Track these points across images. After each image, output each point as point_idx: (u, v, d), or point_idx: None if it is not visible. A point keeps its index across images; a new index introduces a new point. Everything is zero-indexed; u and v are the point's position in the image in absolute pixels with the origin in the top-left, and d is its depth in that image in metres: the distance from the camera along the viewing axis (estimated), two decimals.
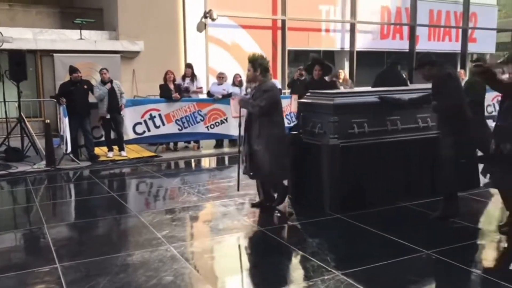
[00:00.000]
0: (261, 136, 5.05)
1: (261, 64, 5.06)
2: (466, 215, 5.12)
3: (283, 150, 5.18)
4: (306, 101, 5.74)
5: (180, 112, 9.21)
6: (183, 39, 12.26)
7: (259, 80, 5.12)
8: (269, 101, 4.97)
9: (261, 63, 5.07)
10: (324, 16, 14.34)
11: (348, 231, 4.74)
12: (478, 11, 17.14)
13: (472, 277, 3.65)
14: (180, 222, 5.11)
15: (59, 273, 3.75)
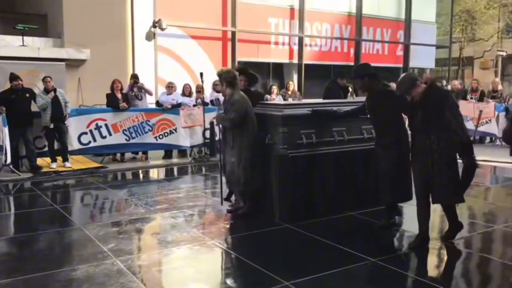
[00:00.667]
0: (234, 147, 5.28)
1: (225, 78, 5.29)
2: (411, 223, 5.31)
3: (255, 159, 5.29)
4: (256, 112, 5.77)
5: (127, 122, 9.02)
6: (131, 48, 12.06)
7: (227, 93, 5.33)
8: (238, 113, 5.17)
9: (225, 77, 5.28)
10: (273, 29, 14.55)
11: (297, 241, 4.78)
12: (418, 28, 17.96)
13: (416, 283, 3.78)
14: (127, 235, 4.98)
15: None
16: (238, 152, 5.27)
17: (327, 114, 5.48)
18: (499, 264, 4.25)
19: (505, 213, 5.84)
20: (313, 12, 15.18)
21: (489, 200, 6.90)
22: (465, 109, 11.75)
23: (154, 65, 12.35)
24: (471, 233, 5.10)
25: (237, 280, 3.91)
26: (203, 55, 13.16)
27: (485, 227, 5.29)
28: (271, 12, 14.41)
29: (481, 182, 8.04)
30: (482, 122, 11.50)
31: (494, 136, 11.48)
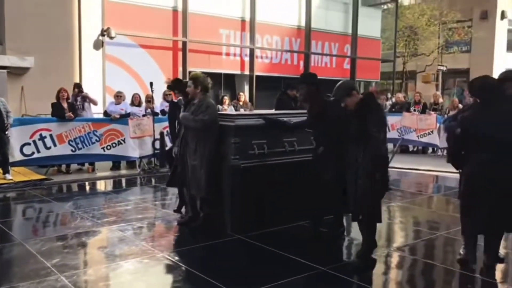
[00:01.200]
0: (198, 151, 5.20)
1: (202, 82, 5.30)
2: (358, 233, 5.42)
3: (214, 167, 5.25)
4: None
5: (73, 132, 8.73)
6: (78, 56, 11.72)
7: (198, 97, 5.29)
8: (211, 116, 5.17)
9: (203, 81, 5.32)
10: (224, 40, 14.60)
11: (249, 252, 4.77)
12: (364, 43, 18.58)
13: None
14: (72, 249, 4.79)
15: None
16: (201, 156, 5.19)
17: (277, 123, 5.47)
18: (442, 269, 4.42)
19: (447, 220, 6.09)
20: (263, 25, 15.36)
21: (432, 208, 7.19)
22: (408, 120, 12.27)
23: (102, 74, 12.04)
24: (416, 240, 5.29)
25: None
26: (153, 64, 12.99)
27: (429, 234, 5.49)
28: (223, 23, 14.46)
29: (424, 191, 8.38)
30: (424, 133, 11.99)
31: (436, 146, 11.99)
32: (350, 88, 4.27)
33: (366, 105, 4.13)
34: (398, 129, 12.51)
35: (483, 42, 27.09)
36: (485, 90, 4.17)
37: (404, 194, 7.87)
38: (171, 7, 13.38)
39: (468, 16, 27.92)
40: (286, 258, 4.50)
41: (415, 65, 27.62)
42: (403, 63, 26.42)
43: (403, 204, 6.98)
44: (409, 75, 27.85)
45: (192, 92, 5.35)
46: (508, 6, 28.54)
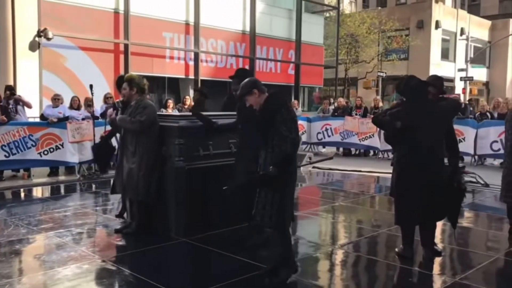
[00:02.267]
0: (137, 153, 5.05)
1: (138, 84, 5.17)
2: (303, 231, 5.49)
3: (154, 168, 5.10)
4: None
5: (7, 136, 8.25)
6: (12, 58, 11.13)
7: (135, 98, 5.16)
8: (149, 117, 5.04)
9: (138, 83, 5.18)
10: (168, 44, 14.40)
11: (195, 254, 4.69)
12: (308, 49, 18.94)
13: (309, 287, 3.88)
14: (5, 258, 4.50)
15: None
16: (140, 158, 5.05)
17: (210, 123, 5.17)
18: (384, 264, 4.54)
19: (388, 218, 6.26)
20: (208, 29, 15.30)
21: (374, 207, 7.39)
22: (350, 124, 12.60)
23: (38, 76, 11.50)
24: (359, 238, 5.40)
25: None
26: (93, 67, 12.56)
27: (371, 231, 5.62)
28: (166, 26, 14.24)
29: (366, 191, 8.61)
30: (365, 136, 12.35)
31: (377, 149, 12.38)
32: (251, 86, 4.01)
33: (273, 104, 3.88)
34: (341, 132, 12.81)
35: (419, 50, 28.47)
36: (408, 89, 4.46)
37: (347, 194, 8.05)
38: (112, 8, 13.02)
39: (406, 25, 29.27)
40: (232, 259, 4.45)
41: (356, 71, 28.54)
42: (345, 69, 27.22)
43: (346, 204, 7.13)
44: (350, 81, 28.73)
45: (128, 94, 5.19)
46: (442, 16, 30.18)
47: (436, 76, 4.95)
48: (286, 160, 3.71)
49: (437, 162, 4.38)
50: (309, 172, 10.32)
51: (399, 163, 4.49)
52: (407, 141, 4.37)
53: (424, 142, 4.30)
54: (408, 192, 4.38)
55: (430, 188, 4.30)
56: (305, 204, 7.16)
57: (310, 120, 13.55)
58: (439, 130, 4.42)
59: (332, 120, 13.15)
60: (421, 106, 4.38)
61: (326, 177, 10.05)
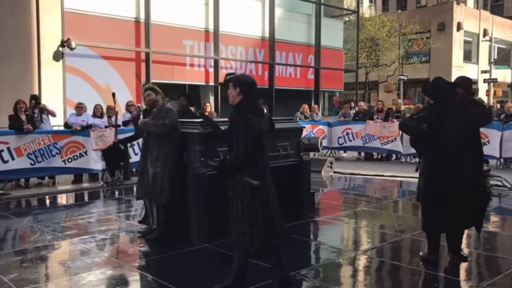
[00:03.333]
0: (160, 157, 5.13)
1: (160, 91, 5.39)
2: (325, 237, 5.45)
3: (177, 173, 5.16)
4: None
5: (32, 145, 8.43)
6: (37, 68, 11.39)
7: (159, 104, 5.30)
8: (171, 121, 5.14)
9: (160, 91, 5.39)
10: (188, 51, 14.54)
11: (216, 260, 4.70)
12: (328, 53, 18.88)
13: None
14: (32, 264, 4.59)
15: None
16: (163, 162, 5.12)
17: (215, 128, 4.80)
18: (408, 269, 4.47)
19: (412, 223, 6.18)
20: (227, 36, 15.40)
21: (397, 212, 7.29)
22: (372, 128, 12.49)
23: (62, 85, 11.74)
24: (382, 243, 5.33)
25: None
26: (115, 75, 12.77)
27: (395, 236, 5.55)
28: (186, 34, 14.39)
29: (389, 196, 8.51)
30: (387, 140, 12.22)
31: (399, 153, 12.23)
32: (240, 82, 3.79)
33: (238, 111, 3.70)
34: (363, 137, 12.71)
35: (441, 52, 28.08)
36: (436, 91, 4.36)
37: (370, 199, 7.97)
38: (134, 18, 13.22)
39: (427, 27, 28.96)
40: (254, 264, 4.44)
41: (377, 75, 28.33)
42: (365, 73, 27.04)
43: (368, 209, 7.06)
44: (371, 85, 28.52)
45: (154, 99, 5.31)
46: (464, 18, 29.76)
47: (464, 78, 4.80)
48: (225, 171, 3.67)
49: (466, 167, 4.25)
50: (331, 177, 10.26)
51: (426, 168, 4.39)
52: (434, 145, 4.29)
53: (452, 146, 4.20)
54: (435, 199, 4.27)
55: (458, 195, 4.19)
56: (327, 209, 7.11)
57: (330, 125, 13.48)
58: (467, 135, 4.28)
59: (353, 125, 13.05)
60: (450, 108, 4.26)
61: (348, 182, 9.97)
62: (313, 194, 6.72)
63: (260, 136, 3.61)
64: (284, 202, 5.93)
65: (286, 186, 6.03)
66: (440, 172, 4.26)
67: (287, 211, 5.95)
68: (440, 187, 4.24)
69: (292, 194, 6.11)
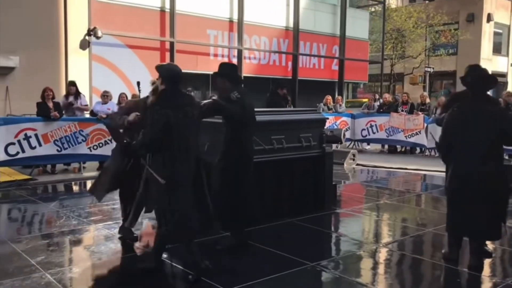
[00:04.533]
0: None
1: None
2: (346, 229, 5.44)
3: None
4: None
5: (59, 132, 8.60)
6: (64, 56, 11.59)
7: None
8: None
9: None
10: (212, 41, 14.57)
11: (236, 249, 4.73)
12: (353, 44, 18.66)
13: (354, 285, 3.84)
14: (58, 247, 4.71)
15: None
16: None
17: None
18: (430, 264, 4.43)
19: (435, 217, 6.11)
20: (251, 26, 15.36)
21: (420, 206, 7.21)
22: (396, 121, 12.33)
23: (88, 73, 11.93)
24: (404, 236, 5.29)
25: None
26: (140, 65, 12.89)
27: (416, 230, 5.49)
28: (210, 24, 14.41)
29: (412, 189, 8.41)
30: (412, 133, 12.05)
31: (424, 146, 12.06)
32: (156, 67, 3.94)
33: (158, 99, 3.80)
34: (386, 129, 12.56)
35: (469, 44, 27.42)
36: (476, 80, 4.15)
37: (392, 192, 7.90)
38: (159, 7, 13.31)
39: (455, 19, 28.27)
40: (274, 254, 4.47)
41: (402, 67, 27.88)
42: (390, 65, 26.64)
43: (391, 202, 7.00)
44: (396, 77, 28.09)
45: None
46: (494, 9, 28.96)
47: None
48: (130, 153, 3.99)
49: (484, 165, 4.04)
50: (353, 169, 10.19)
51: (451, 167, 4.24)
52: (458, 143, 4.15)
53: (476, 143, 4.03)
54: (454, 199, 4.18)
55: (482, 197, 4.03)
56: (349, 201, 7.09)
57: (354, 117, 13.35)
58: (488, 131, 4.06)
59: (377, 117, 12.91)
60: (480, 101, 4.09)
61: (371, 174, 9.89)
62: (335, 186, 6.70)
63: (166, 129, 3.56)
64: (306, 194, 5.98)
65: (308, 177, 6.03)
66: (459, 170, 4.13)
67: (309, 203, 6.00)
68: (458, 185, 4.13)
69: (314, 185, 6.11)
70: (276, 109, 6.54)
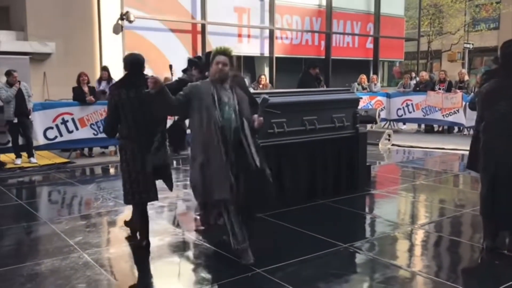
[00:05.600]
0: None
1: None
2: (380, 210, 5.36)
3: None
4: None
5: (95, 115, 8.79)
6: (98, 41, 11.77)
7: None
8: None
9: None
10: (243, 22, 14.45)
11: (268, 230, 4.73)
12: (388, 21, 18.16)
13: (388, 267, 3.78)
14: (95, 228, 4.84)
15: None
16: None
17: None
18: (468, 246, 4.31)
19: (473, 198, 5.92)
20: (283, 5, 15.15)
21: (458, 187, 7.02)
22: (433, 99, 11.99)
23: (122, 58, 12.05)
24: (441, 217, 5.17)
25: (210, 269, 3.83)
26: (172, 47, 12.95)
27: (454, 211, 5.35)
28: (242, 4, 14.28)
29: (450, 170, 8.19)
30: (449, 112, 11.70)
31: (462, 125, 11.70)
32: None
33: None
34: (423, 108, 12.24)
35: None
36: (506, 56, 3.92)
37: (429, 173, 7.72)
38: None
39: None
40: (306, 235, 4.45)
41: (440, 44, 26.96)
42: (428, 42, 25.82)
43: (427, 183, 6.84)
44: (434, 54, 27.23)
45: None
46: None
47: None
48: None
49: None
50: (388, 150, 10.00)
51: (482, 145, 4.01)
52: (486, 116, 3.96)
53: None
54: (486, 180, 3.96)
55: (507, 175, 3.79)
56: (383, 182, 6.97)
57: (389, 96, 13.06)
58: None
59: (414, 96, 12.58)
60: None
61: (407, 155, 9.68)
62: (369, 167, 6.59)
63: (116, 107, 4.03)
64: (339, 175, 5.90)
65: (341, 158, 5.95)
66: (490, 148, 3.90)
67: (342, 183, 5.93)
68: (489, 165, 3.90)
69: (348, 166, 6.02)
70: (307, 90, 6.45)
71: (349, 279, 3.59)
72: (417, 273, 3.66)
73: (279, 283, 3.40)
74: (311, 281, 3.47)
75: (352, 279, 3.61)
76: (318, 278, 3.51)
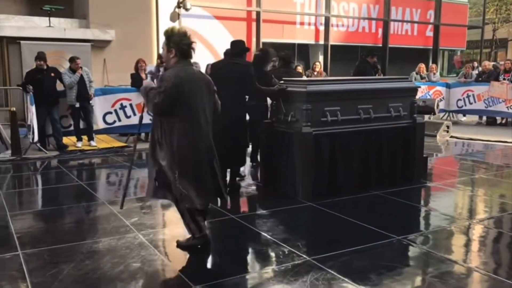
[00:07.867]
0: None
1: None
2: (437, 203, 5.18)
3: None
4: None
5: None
6: (155, 29, 12.05)
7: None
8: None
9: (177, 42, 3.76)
10: (299, 9, 14.31)
11: (320, 218, 4.70)
12: (450, 8, 17.40)
13: (443, 262, 3.65)
14: (150, 210, 4.99)
15: (20, 260, 3.60)
16: None
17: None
18: None
19: None
20: None
21: None
22: (497, 90, 11.41)
23: None
24: (502, 213, 4.93)
25: (260, 254, 3.86)
26: (227, 36, 13.04)
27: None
28: None
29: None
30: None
31: None
32: None
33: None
34: (485, 99, 11.67)
35: None
36: None
37: (489, 167, 7.37)
38: None
39: None
40: (358, 225, 4.38)
41: (507, 32, 25.56)
42: (493, 30, 24.54)
43: (487, 177, 6.54)
44: (499, 43, 25.87)
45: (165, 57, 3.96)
46: None
47: None
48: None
49: None
50: (447, 141, 9.64)
51: None
52: None
53: None
54: None
55: None
56: (441, 175, 6.74)
57: (449, 86, 12.54)
58: None
59: (475, 86, 12.02)
60: None
61: (466, 147, 9.28)
62: (426, 159, 6.38)
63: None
64: (394, 166, 5.75)
65: (397, 149, 5.79)
66: None
67: (397, 174, 5.77)
68: None
69: (403, 157, 5.86)
70: (363, 78, 6.31)
71: (402, 271, 3.50)
72: (473, 269, 3.52)
73: (329, 272, 3.37)
74: (362, 272, 3.41)
75: (405, 271, 3.51)
76: (370, 270, 3.45)
